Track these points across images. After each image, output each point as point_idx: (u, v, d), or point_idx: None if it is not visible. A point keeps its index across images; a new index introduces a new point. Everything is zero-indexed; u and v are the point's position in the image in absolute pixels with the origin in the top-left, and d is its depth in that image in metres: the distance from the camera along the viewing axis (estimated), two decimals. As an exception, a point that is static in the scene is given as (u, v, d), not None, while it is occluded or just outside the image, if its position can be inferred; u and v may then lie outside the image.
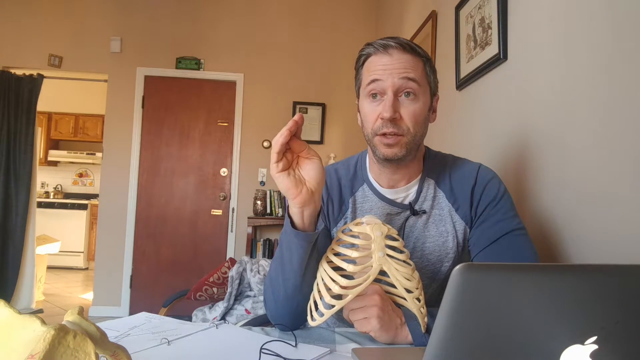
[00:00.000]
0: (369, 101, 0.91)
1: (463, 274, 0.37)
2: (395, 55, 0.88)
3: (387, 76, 0.87)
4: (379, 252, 0.75)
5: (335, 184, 1.00)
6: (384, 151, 0.90)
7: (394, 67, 0.87)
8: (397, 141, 0.88)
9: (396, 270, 0.75)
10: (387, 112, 0.86)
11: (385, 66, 0.88)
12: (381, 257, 0.75)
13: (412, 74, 0.87)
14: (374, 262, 0.75)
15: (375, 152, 0.92)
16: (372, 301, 0.76)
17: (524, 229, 0.92)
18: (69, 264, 5.66)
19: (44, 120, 5.82)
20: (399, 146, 0.89)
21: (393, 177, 0.96)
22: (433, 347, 0.38)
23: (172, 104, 3.83)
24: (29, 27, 3.72)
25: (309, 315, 0.79)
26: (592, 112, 1.02)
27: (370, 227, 0.77)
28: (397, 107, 0.87)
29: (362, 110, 0.94)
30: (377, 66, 0.89)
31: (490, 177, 0.96)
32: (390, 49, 0.88)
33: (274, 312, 0.88)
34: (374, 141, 0.91)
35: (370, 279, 0.73)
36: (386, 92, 0.88)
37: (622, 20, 0.93)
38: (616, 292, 0.40)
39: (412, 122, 0.88)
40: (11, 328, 0.45)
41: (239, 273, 1.71)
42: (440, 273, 0.96)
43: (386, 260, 0.75)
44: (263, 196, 3.66)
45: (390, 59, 0.88)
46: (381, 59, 0.89)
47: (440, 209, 0.96)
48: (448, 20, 2.03)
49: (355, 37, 3.93)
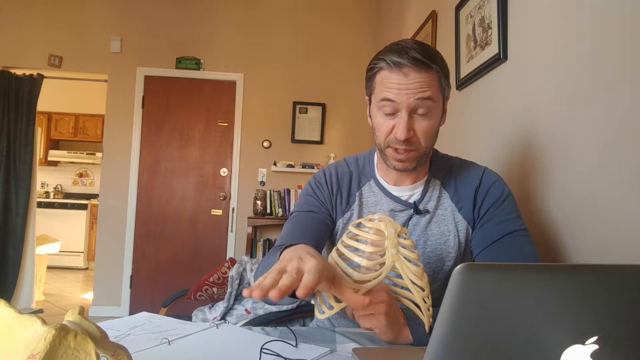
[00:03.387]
0: (382, 114, 0.90)
1: (464, 273, 0.37)
2: (411, 75, 0.85)
3: (401, 97, 0.85)
4: (393, 249, 0.75)
5: (346, 176, 1.03)
6: (395, 164, 0.92)
7: (408, 88, 0.85)
8: (408, 157, 0.90)
9: (408, 268, 0.75)
10: (401, 134, 0.86)
11: (400, 86, 0.85)
12: (394, 254, 0.75)
13: (427, 92, 0.85)
14: (387, 258, 0.75)
15: (385, 160, 0.94)
16: (380, 298, 0.75)
17: (526, 231, 0.93)
18: (69, 264, 5.66)
19: (44, 120, 5.82)
20: (410, 161, 0.91)
21: (400, 177, 0.98)
22: (433, 347, 0.38)
23: (172, 104, 3.83)
24: (29, 27, 3.72)
25: (317, 309, 0.78)
26: (592, 112, 1.02)
27: (384, 224, 0.77)
28: (412, 125, 0.87)
29: (375, 119, 0.93)
30: (391, 84, 0.86)
31: (495, 179, 0.97)
32: (404, 68, 0.85)
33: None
34: (386, 152, 0.92)
35: (383, 275, 0.73)
36: (400, 112, 0.87)
37: (622, 20, 0.93)
38: (617, 292, 0.40)
39: (425, 138, 0.89)
40: (12, 328, 0.45)
41: (239, 273, 1.71)
42: (441, 272, 0.97)
43: (399, 258, 0.75)
44: (263, 196, 3.66)
45: (404, 79, 0.85)
46: (395, 77, 0.86)
47: (444, 209, 0.97)
48: (448, 20, 2.03)
49: (355, 37, 3.93)
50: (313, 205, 1.01)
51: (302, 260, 0.62)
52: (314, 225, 0.97)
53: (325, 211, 1.00)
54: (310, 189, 1.03)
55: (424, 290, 0.76)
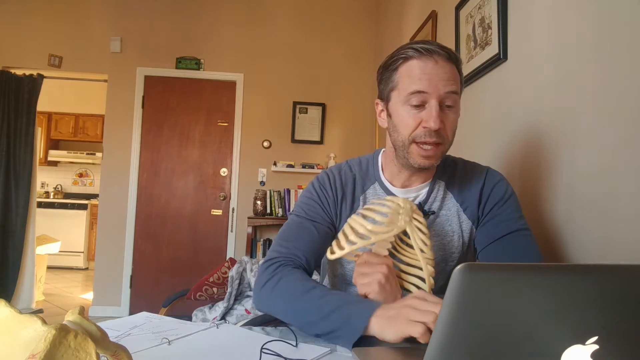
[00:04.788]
0: (409, 108, 0.88)
1: (464, 273, 0.37)
2: (441, 63, 0.85)
3: (433, 87, 0.85)
4: (407, 216, 0.82)
5: (350, 180, 1.01)
6: (420, 161, 0.89)
7: (439, 78, 0.85)
8: (435, 153, 0.88)
9: (418, 236, 0.82)
10: (435, 123, 0.85)
11: (431, 75, 0.85)
12: (408, 220, 0.82)
13: (455, 86, 0.86)
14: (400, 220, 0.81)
15: (408, 159, 0.91)
16: (378, 268, 0.80)
17: (528, 230, 0.93)
18: (69, 264, 5.66)
19: (44, 120, 5.82)
20: (436, 157, 0.90)
21: (410, 178, 0.97)
22: (434, 347, 0.38)
23: (172, 104, 3.83)
24: (29, 27, 3.71)
25: (329, 250, 0.84)
26: (593, 112, 1.02)
27: (402, 200, 0.87)
28: (443, 117, 0.87)
29: (398, 115, 0.91)
30: (422, 74, 0.85)
31: (498, 178, 0.98)
32: (435, 55, 0.85)
33: (269, 309, 0.89)
34: (410, 148, 0.90)
35: (394, 231, 0.80)
36: (429, 101, 0.86)
37: (622, 19, 0.93)
38: (617, 292, 0.40)
39: (451, 132, 0.90)
40: (12, 328, 0.45)
41: (239, 273, 1.71)
42: (444, 272, 0.97)
43: (411, 224, 0.82)
44: (263, 196, 3.66)
45: (435, 66, 0.85)
46: (425, 65, 0.85)
47: (448, 210, 0.97)
48: (448, 20, 2.03)
49: (355, 36, 3.93)
50: (317, 213, 0.98)
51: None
52: (318, 240, 0.95)
53: (328, 220, 0.98)
54: (315, 194, 1.00)
55: (428, 258, 0.83)
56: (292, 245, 0.93)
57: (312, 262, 0.93)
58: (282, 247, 0.94)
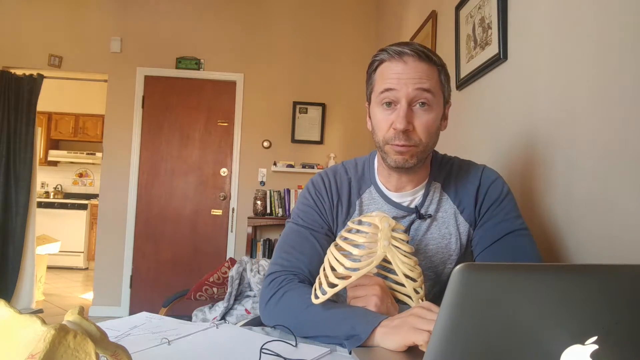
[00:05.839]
0: (382, 109, 0.89)
1: (463, 273, 0.37)
2: (411, 63, 0.86)
3: (401, 86, 0.85)
4: (385, 241, 0.78)
5: (345, 184, 1.00)
6: (395, 158, 0.89)
7: (408, 77, 0.85)
8: (408, 150, 0.87)
9: (399, 259, 0.78)
10: (400, 123, 0.85)
11: (400, 75, 0.86)
12: (386, 245, 0.78)
13: (427, 84, 0.85)
14: (379, 249, 0.78)
15: (385, 159, 0.91)
16: (372, 290, 0.79)
17: (527, 229, 0.92)
18: (69, 264, 5.66)
19: (44, 120, 5.82)
20: (410, 154, 0.88)
21: (401, 181, 0.96)
22: (433, 347, 0.38)
23: (172, 104, 3.83)
24: (29, 27, 3.71)
25: (313, 294, 0.81)
26: (592, 112, 1.02)
27: (379, 219, 0.81)
28: (411, 118, 0.86)
29: (374, 117, 0.92)
30: (392, 74, 0.86)
31: (494, 178, 0.96)
32: (405, 56, 0.86)
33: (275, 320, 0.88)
34: (385, 149, 0.90)
35: (374, 264, 0.76)
36: (400, 102, 0.86)
37: (622, 19, 0.93)
38: (617, 292, 0.40)
39: (424, 134, 0.87)
40: (12, 328, 0.45)
41: (239, 273, 1.71)
42: (443, 275, 0.96)
43: (390, 249, 0.78)
44: (263, 196, 3.66)
45: (405, 67, 0.86)
46: (396, 67, 0.86)
47: (445, 212, 0.96)
48: (448, 20, 2.03)
49: (355, 37, 3.93)
50: (314, 220, 0.97)
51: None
52: (318, 249, 0.95)
53: (325, 226, 0.98)
54: (311, 199, 0.99)
55: (415, 281, 0.79)
56: (293, 258, 0.93)
57: (314, 273, 0.92)
58: (283, 260, 0.94)
